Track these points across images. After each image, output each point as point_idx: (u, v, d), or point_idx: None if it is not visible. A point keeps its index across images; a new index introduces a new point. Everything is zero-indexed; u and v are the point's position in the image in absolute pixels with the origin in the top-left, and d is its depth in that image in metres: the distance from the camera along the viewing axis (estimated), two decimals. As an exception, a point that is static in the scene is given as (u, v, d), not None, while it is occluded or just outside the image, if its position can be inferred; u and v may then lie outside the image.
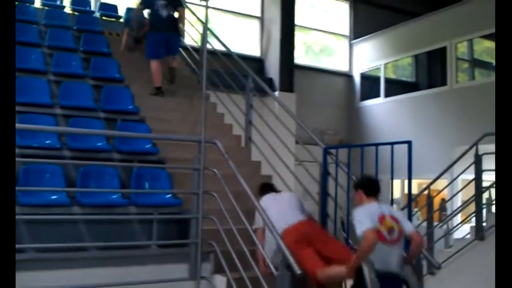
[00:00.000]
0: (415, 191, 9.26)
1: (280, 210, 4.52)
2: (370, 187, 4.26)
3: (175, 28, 7.57)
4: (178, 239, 4.81)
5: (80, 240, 4.54)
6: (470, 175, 6.65)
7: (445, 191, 9.00)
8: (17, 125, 5.26)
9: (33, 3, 8.64)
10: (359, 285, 3.81)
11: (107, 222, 4.76)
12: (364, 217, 3.89)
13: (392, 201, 5.06)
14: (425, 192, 7.04)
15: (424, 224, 6.85)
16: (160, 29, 7.40)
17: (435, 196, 7.16)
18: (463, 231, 7.34)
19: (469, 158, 6.58)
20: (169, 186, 5.45)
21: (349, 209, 5.45)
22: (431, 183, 7.04)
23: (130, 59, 8.03)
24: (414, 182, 5.63)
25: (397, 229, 4.04)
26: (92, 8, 9.52)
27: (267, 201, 4.68)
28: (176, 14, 7.59)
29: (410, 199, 4.97)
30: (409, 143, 4.66)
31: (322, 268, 4.10)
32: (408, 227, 4.11)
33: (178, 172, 5.63)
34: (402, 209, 7.57)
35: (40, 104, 6.01)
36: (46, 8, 8.61)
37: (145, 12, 7.86)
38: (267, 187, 5.08)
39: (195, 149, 4.68)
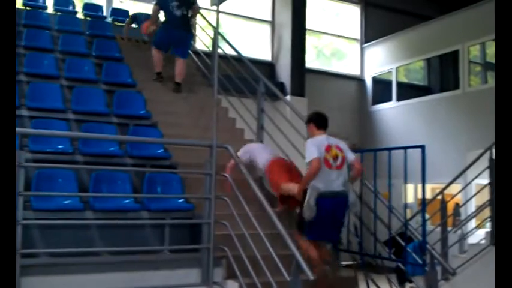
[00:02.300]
0: (428, 195, 9.17)
1: (262, 149, 5.91)
2: (320, 120, 5.01)
3: (188, 28, 7.71)
4: (191, 244, 4.81)
5: (92, 245, 4.55)
6: (484, 180, 6.57)
7: (459, 196, 8.90)
8: (30, 130, 5.36)
9: (45, 9, 8.72)
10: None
11: (119, 227, 4.76)
12: (313, 147, 4.61)
13: (405, 206, 5.02)
14: (439, 197, 6.95)
15: (438, 229, 6.76)
16: (175, 26, 7.52)
17: (449, 201, 7.07)
18: (478, 236, 7.24)
19: (483, 162, 6.50)
20: (182, 191, 5.44)
21: (362, 213, 5.41)
22: (445, 188, 6.96)
23: (142, 63, 8.05)
24: (427, 187, 5.56)
25: (341, 157, 4.73)
26: (104, 14, 9.57)
27: (250, 145, 6.08)
28: (190, 13, 7.70)
29: (424, 204, 4.92)
30: (422, 147, 4.62)
31: (284, 183, 5.21)
32: (351, 156, 4.83)
33: (190, 177, 5.62)
34: (415, 214, 7.51)
35: (53, 109, 6.05)
36: (59, 13, 8.67)
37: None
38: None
39: (206, 153, 4.68)
